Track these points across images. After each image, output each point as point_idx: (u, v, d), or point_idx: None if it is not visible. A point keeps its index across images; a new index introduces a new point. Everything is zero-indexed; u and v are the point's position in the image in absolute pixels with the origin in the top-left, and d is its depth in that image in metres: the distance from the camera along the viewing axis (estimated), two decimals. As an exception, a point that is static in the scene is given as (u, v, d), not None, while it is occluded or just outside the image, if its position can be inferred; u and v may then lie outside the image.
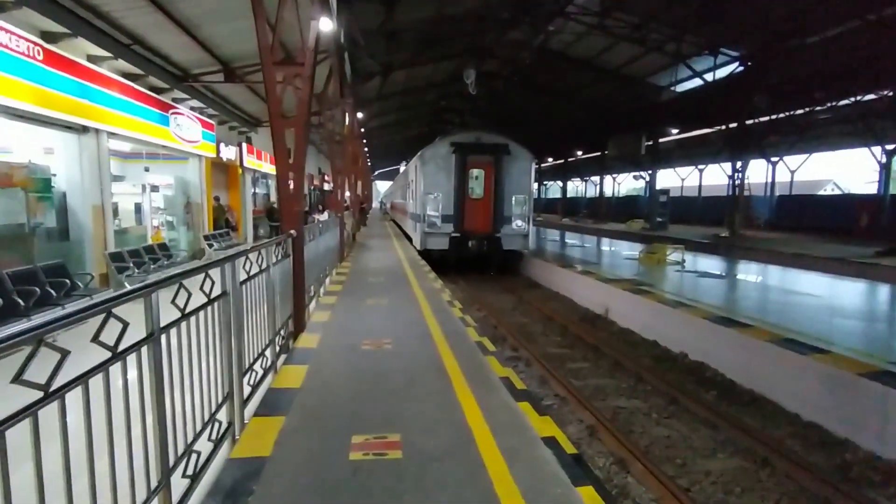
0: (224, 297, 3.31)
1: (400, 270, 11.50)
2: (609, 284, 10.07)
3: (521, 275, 15.42)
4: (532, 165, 15.00)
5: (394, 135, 47.73)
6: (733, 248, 18.97)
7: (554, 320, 9.94)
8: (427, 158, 14.66)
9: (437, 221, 14.70)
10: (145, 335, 2.26)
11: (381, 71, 22.40)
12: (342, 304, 7.69)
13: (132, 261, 9.57)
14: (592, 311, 10.43)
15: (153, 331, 2.30)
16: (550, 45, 26.45)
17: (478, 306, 11.19)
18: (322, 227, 9.43)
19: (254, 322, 4.03)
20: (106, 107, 9.42)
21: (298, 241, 5.86)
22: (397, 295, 8.44)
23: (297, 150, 5.83)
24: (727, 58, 22.16)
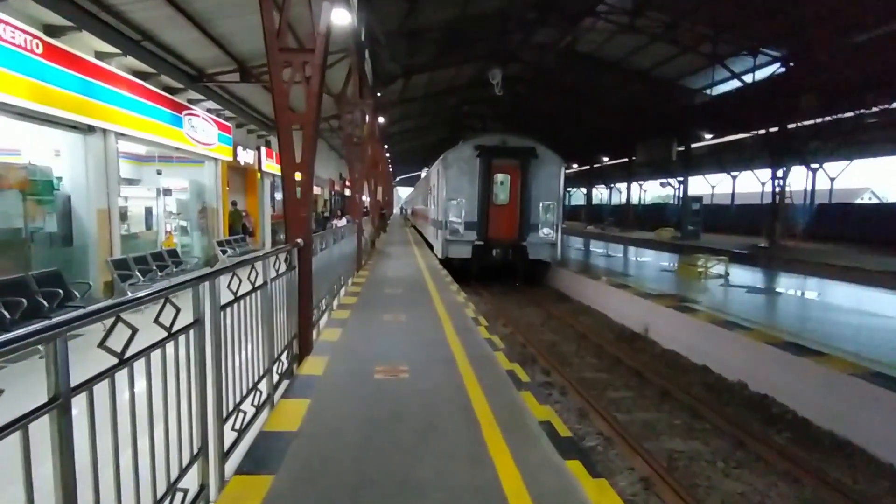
0: (197, 327, 2.61)
1: (420, 281, 10.77)
2: (649, 300, 9.15)
3: (549, 286, 14.54)
4: (561, 170, 14.16)
5: (415, 140, 47.32)
6: (776, 260, 17.74)
7: (588, 339, 9.06)
8: (450, 162, 13.94)
9: (459, 228, 13.95)
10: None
11: (403, 73, 21.86)
12: (356, 319, 6.97)
13: (138, 268, 9.04)
14: (630, 328, 9.52)
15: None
16: (577, 47, 25.60)
17: (503, 321, 10.37)
18: (338, 233, 8.77)
19: (245, 351, 3.32)
20: (114, 105, 8.94)
21: (306, 251, 5.16)
22: (416, 309, 7.69)
23: (306, 147, 5.16)
24: (767, 58, 20.97)
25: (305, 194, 5.20)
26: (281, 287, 4.58)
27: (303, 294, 5.16)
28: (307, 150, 5.17)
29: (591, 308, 11.41)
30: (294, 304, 5.04)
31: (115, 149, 9.36)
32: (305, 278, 5.19)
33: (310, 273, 5.30)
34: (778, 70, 20.82)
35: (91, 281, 8.96)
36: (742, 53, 20.77)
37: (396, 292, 9.21)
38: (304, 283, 5.17)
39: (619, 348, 8.31)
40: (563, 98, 33.98)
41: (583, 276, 12.45)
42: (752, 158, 33.55)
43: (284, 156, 5.13)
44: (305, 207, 5.19)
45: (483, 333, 6.30)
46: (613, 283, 11.05)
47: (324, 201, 35.07)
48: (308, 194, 5.22)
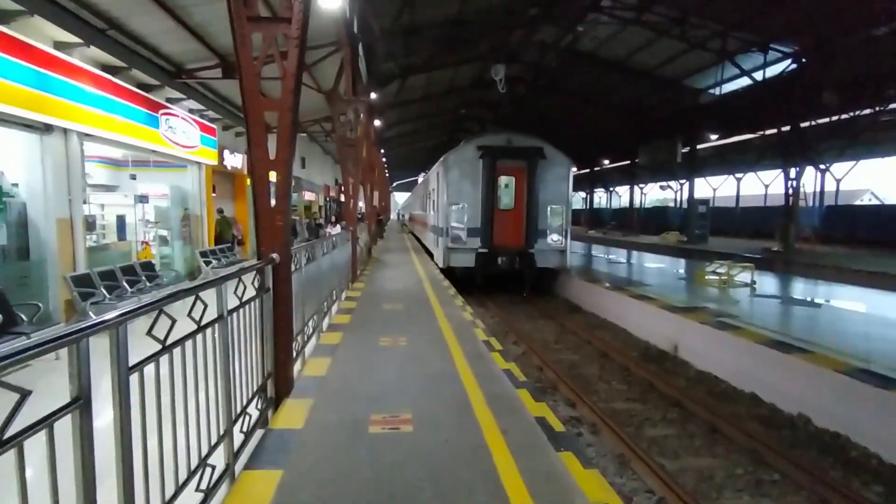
0: (82, 409, 1.62)
1: (420, 293, 9.78)
2: (677, 314, 8.18)
3: (558, 296, 13.56)
4: (570, 171, 13.21)
5: (412, 145, 46.43)
6: (795, 265, 16.80)
7: (610, 358, 8.08)
8: (451, 164, 12.98)
9: (461, 235, 12.97)
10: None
11: (400, 73, 20.95)
12: (349, 344, 5.97)
13: (104, 284, 8.02)
14: (655, 346, 8.54)
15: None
16: (579, 47, 24.77)
17: (514, 337, 9.38)
18: (330, 243, 7.77)
19: (194, 409, 2.35)
20: (76, 102, 7.94)
21: (284, 268, 4.18)
22: (419, 330, 6.69)
23: (283, 140, 4.18)
24: (778, 55, 20.13)
25: (283, 198, 4.21)
26: (251, 316, 3.60)
27: (280, 323, 4.16)
28: (284, 143, 4.20)
29: (608, 321, 10.43)
30: (269, 335, 4.05)
31: (78, 151, 8.35)
32: (283, 302, 4.20)
33: (289, 296, 4.31)
34: (790, 67, 19.99)
35: (50, 299, 7.97)
36: (752, 50, 19.93)
37: (395, 308, 8.21)
38: (281, 308, 4.18)
39: (647, 370, 7.32)
40: (563, 99, 33.16)
41: (596, 286, 11.47)
42: (759, 159, 32.83)
43: (256, 151, 4.16)
44: (282, 215, 4.21)
45: (499, 362, 5.30)
46: (633, 293, 10.07)
47: (318, 207, 34.10)
48: (286, 198, 4.23)
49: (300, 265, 5.43)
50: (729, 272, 11.24)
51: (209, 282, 2.91)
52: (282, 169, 4.18)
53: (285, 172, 4.19)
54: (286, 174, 4.20)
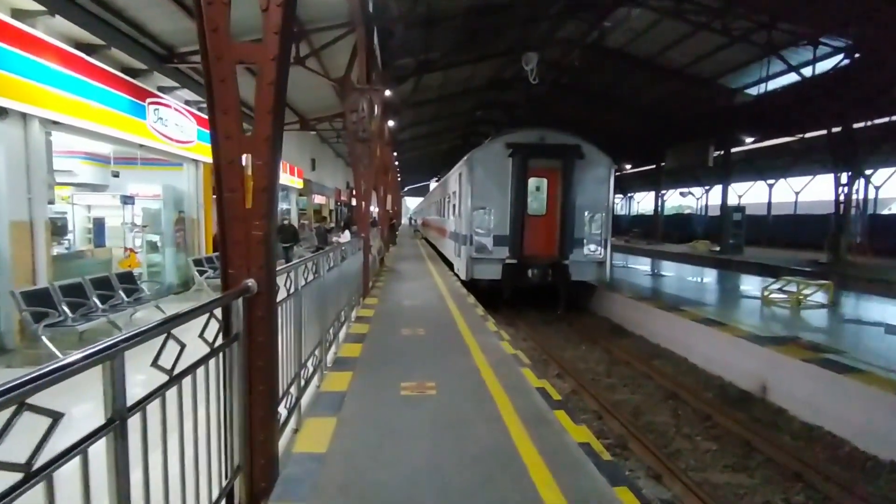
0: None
1: (444, 313, 8.30)
2: (763, 346, 6.61)
3: (595, 314, 12.00)
4: (611, 173, 11.69)
5: (424, 148, 45.13)
6: (858, 281, 15.06)
7: (681, 400, 6.53)
8: (476, 163, 11.51)
9: (487, 244, 11.48)
10: None
11: (417, 69, 19.58)
12: (360, 392, 4.50)
13: (68, 300, 6.65)
14: (732, 383, 6.98)
15: None
16: (606, 43, 23.25)
17: (556, 368, 7.86)
18: (337, 254, 6.33)
19: None
20: (38, 82, 6.62)
21: (263, 302, 2.73)
22: (450, 368, 5.21)
23: (262, 107, 2.72)
24: (828, 49, 18.45)
25: (264, 197, 2.75)
26: (211, 377, 2.18)
27: (257, 386, 2.71)
28: (265, 111, 2.74)
29: (663, 348, 8.86)
30: (240, 407, 2.61)
31: (42, 141, 7.04)
32: (263, 353, 2.75)
33: (270, 343, 2.85)
34: (842, 62, 18.29)
35: (1, 320, 6.64)
36: (801, 44, 18.27)
37: (416, 334, 6.74)
38: (259, 361, 2.73)
39: (736, 420, 5.76)
40: (586, 101, 31.62)
41: (645, 305, 9.91)
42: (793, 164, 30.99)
43: (222, 123, 2.71)
44: (264, 221, 2.75)
45: (573, 432, 3.77)
46: (694, 316, 8.50)
47: (329, 212, 32.85)
48: (268, 197, 2.77)
49: (297, 288, 4.00)
50: (802, 291, 9.61)
51: (139, 333, 1.48)
52: (263, 152, 2.73)
53: (268, 157, 2.74)
54: (270, 160, 2.75)
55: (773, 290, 10.17)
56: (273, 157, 2.76)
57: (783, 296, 10.02)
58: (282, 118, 2.85)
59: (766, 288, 10.23)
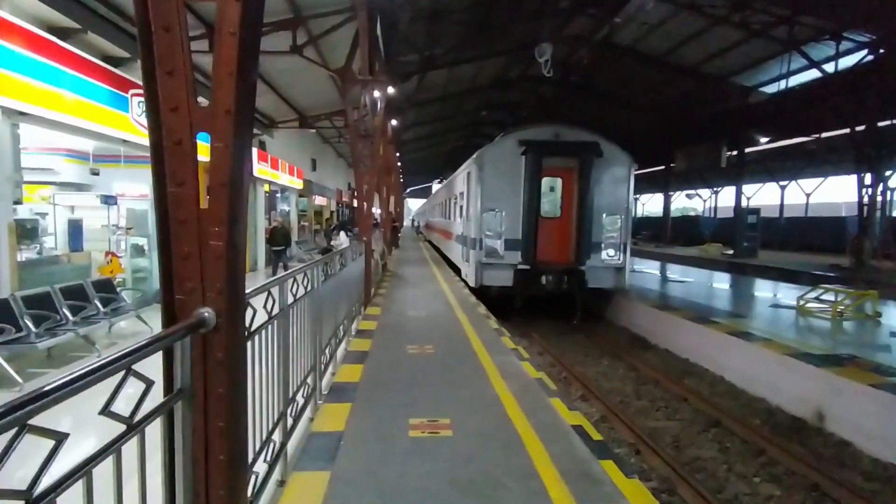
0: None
1: (454, 326, 7.52)
2: (821, 368, 5.81)
3: (613, 323, 11.21)
4: (630, 172, 10.90)
5: (427, 149, 44.42)
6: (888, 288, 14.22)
7: (726, 427, 5.73)
8: (486, 162, 10.73)
9: (498, 248, 10.69)
10: None
11: (421, 66, 18.82)
12: (356, 445, 3.68)
13: (30, 313, 5.89)
14: (781, 408, 6.18)
15: None
16: (616, 39, 22.48)
17: (578, 387, 7.07)
18: (334, 263, 5.56)
19: None
20: (2, 68, 5.88)
21: (224, 341, 1.95)
22: (465, 400, 4.42)
23: (223, 63, 1.95)
24: (851, 44, 17.64)
25: (224, 194, 1.96)
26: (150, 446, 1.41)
27: (215, 456, 1.94)
28: (226, 73, 1.95)
29: (694, 363, 8.06)
30: (188, 484, 1.84)
31: (6, 133, 6.30)
32: (224, 410, 1.96)
33: (236, 394, 2.07)
34: (865, 58, 17.48)
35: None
36: (823, 38, 17.47)
37: (424, 353, 5.96)
38: (217, 421, 1.95)
39: (796, 456, 4.96)
40: (593, 101, 30.86)
41: (670, 315, 9.12)
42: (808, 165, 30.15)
43: (166, 87, 1.92)
44: (225, 228, 1.96)
45: (626, 490, 2.99)
46: (729, 329, 7.71)
47: (330, 213, 32.13)
48: (234, 196, 1.99)
49: (283, 307, 3.24)
50: (843, 301, 8.81)
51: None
52: (224, 130, 1.95)
53: (232, 138, 1.96)
54: (235, 143, 1.97)
55: (809, 298, 9.37)
56: (239, 137, 1.98)
57: (820, 305, 9.23)
58: (251, 84, 2.07)
59: (802, 297, 9.42)
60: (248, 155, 2.08)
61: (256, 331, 2.64)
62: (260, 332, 2.74)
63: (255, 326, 2.62)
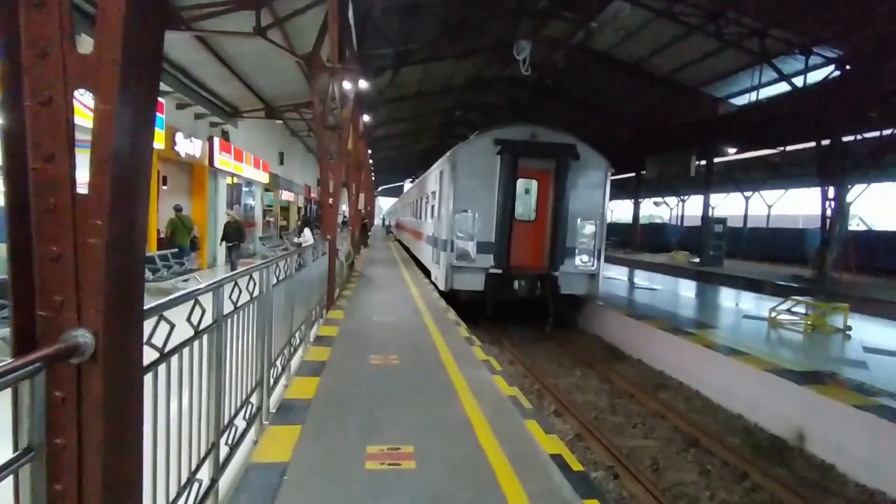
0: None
1: (421, 333, 7.05)
2: (802, 386, 5.59)
3: (585, 331, 10.94)
4: (607, 176, 10.66)
5: (400, 148, 43.80)
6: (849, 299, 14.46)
7: (705, 448, 5.44)
8: (460, 160, 10.30)
9: (469, 251, 10.28)
10: None
11: (395, 61, 18.26)
12: (302, 481, 3.18)
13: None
14: (758, 425, 5.95)
15: None
16: (593, 44, 22.45)
17: (551, 400, 6.70)
18: (289, 263, 5.02)
19: None
20: None
21: (109, 372, 1.43)
22: (432, 426, 3.94)
23: (109, 4, 1.44)
24: (820, 59, 18.02)
25: (108, 173, 1.44)
26: None
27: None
28: (114, 15, 1.42)
29: (668, 375, 7.82)
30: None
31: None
32: (111, 467, 1.44)
33: (125, 443, 1.54)
34: (832, 74, 17.87)
35: None
36: (793, 53, 17.78)
37: (388, 363, 5.45)
38: (92, 484, 1.42)
39: (779, 481, 4.70)
40: (567, 106, 30.89)
41: (645, 324, 8.87)
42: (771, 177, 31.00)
43: (31, 24, 1.40)
44: (111, 223, 1.45)
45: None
46: (705, 341, 7.48)
47: (297, 209, 31.19)
48: (125, 180, 1.47)
49: (218, 317, 2.71)
50: (817, 314, 8.75)
51: None
52: (108, 87, 1.42)
53: (120, 99, 1.43)
54: (126, 106, 1.44)
55: (781, 310, 9.29)
56: (132, 98, 1.45)
57: (791, 317, 9.16)
58: (155, 27, 1.55)
59: (774, 308, 9.33)
60: (146, 123, 1.55)
61: (168, 355, 2.11)
62: (176, 355, 2.21)
63: (169, 347, 2.09)
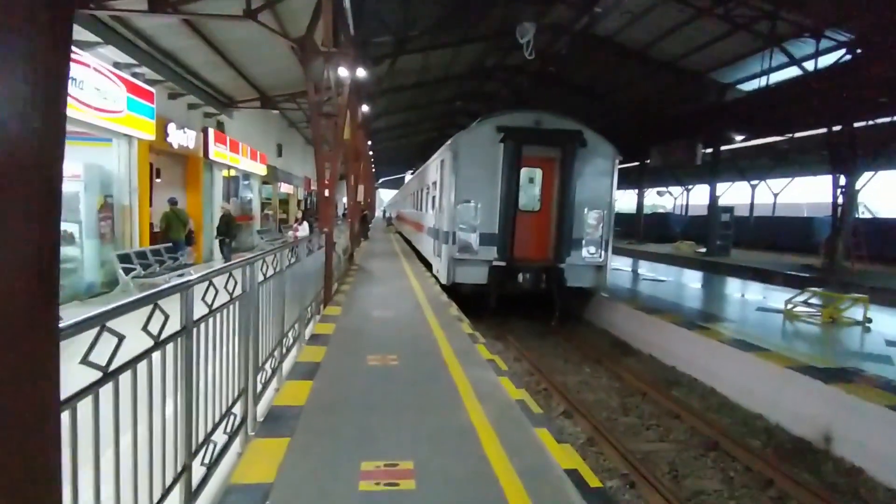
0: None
1: (422, 330, 6.70)
2: (829, 385, 5.24)
3: (591, 324, 10.61)
4: (614, 165, 10.25)
5: (400, 139, 43.31)
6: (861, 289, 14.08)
7: (725, 451, 5.11)
8: (461, 149, 9.90)
9: (472, 243, 9.92)
10: None
11: (394, 48, 17.80)
12: (295, 482, 2.87)
13: None
14: (780, 425, 5.60)
15: None
16: (595, 31, 21.93)
17: (560, 400, 6.36)
18: (281, 258, 4.67)
19: None
20: None
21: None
22: (434, 438, 3.60)
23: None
24: (832, 43, 17.47)
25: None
26: None
27: None
28: None
29: (681, 371, 7.47)
30: None
31: None
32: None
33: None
34: (843, 58, 17.34)
35: None
36: (804, 36, 17.23)
37: (387, 366, 5.11)
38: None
39: (808, 488, 4.36)
40: (570, 94, 30.33)
41: (655, 318, 8.52)
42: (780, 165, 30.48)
43: None
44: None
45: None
46: (722, 336, 7.13)
47: (297, 202, 30.83)
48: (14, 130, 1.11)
49: (188, 323, 2.37)
50: (836, 306, 8.38)
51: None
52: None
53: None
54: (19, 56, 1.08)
55: (797, 302, 8.93)
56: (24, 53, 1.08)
57: (809, 309, 8.80)
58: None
59: (790, 300, 8.96)
60: (53, 95, 1.18)
61: (115, 373, 1.76)
62: (128, 372, 1.86)
63: (116, 365, 1.74)
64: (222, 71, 12.42)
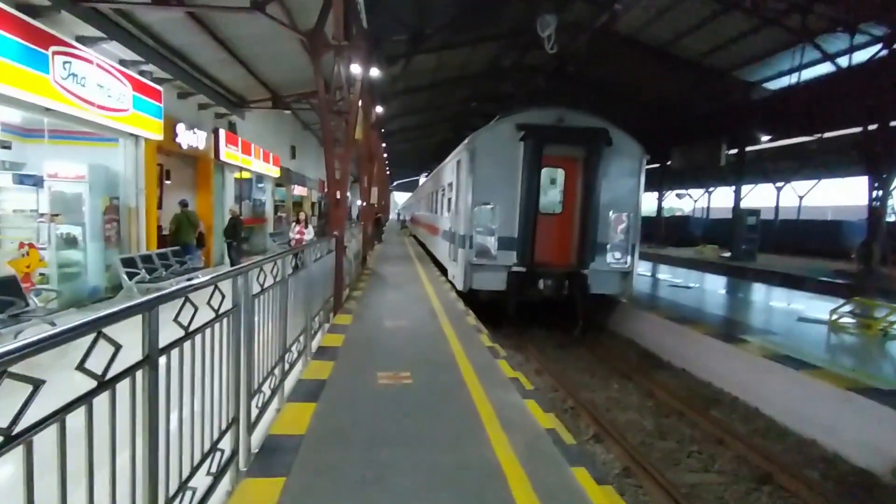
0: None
1: (438, 343, 6.19)
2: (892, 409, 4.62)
3: (615, 333, 10.01)
4: (641, 165, 9.65)
5: (415, 141, 42.93)
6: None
7: (780, 485, 4.51)
8: (479, 148, 9.39)
9: (490, 248, 9.39)
10: None
11: (408, 47, 17.37)
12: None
13: None
14: (839, 454, 4.99)
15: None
16: (616, 28, 21.26)
17: (589, 422, 5.80)
18: (282, 266, 4.21)
19: None
20: None
21: None
22: (454, 481, 3.10)
23: None
24: (866, 37, 16.63)
25: None
26: None
27: None
28: None
29: (716, 387, 6.87)
30: None
31: None
32: None
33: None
34: (879, 53, 16.48)
35: None
36: (837, 30, 16.41)
37: (399, 385, 4.60)
38: None
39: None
40: (588, 94, 29.61)
41: (688, 329, 7.91)
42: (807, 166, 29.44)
43: None
44: None
45: None
46: (767, 352, 6.50)
47: (311, 204, 30.57)
48: None
49: (152, 352, 1.89)
50: (887, 318, 7.68)
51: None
52: None
53: None
54: None
55: (843, 312, 8.25)
56: None
57: (855, 321, 8.12)
58: None
59: (834, 310, 8.28)
60: None
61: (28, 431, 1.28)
62: (54, 424, 1.39)
63: (25, 425, 1.26)
64: (232, 69, 12.08)
